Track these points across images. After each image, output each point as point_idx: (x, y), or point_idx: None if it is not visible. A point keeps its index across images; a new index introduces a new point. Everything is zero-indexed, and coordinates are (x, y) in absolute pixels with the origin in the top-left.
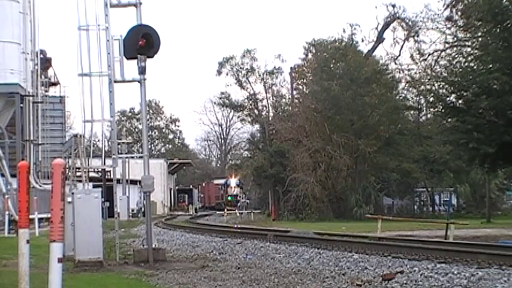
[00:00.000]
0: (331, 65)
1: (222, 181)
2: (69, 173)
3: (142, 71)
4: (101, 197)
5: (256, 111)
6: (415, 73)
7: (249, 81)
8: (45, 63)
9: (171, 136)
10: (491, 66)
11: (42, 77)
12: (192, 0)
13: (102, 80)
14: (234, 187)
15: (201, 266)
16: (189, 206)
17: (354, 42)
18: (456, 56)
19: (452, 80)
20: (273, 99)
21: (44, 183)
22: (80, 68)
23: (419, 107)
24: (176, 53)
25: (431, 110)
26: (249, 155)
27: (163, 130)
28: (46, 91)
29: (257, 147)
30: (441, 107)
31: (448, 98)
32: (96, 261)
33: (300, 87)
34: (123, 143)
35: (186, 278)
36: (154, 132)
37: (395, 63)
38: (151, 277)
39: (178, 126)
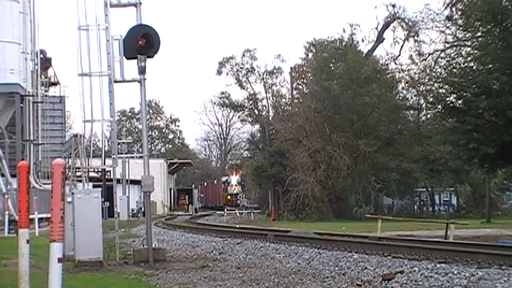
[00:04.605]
0: (331, 65)
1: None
2: (69, 173)
3: (142, 71)
4: (101, 197)
5: (256, 111)
6: (415, 73)
7: (249, 81)
8: (45, 63)
9: (171, 136)
10: (490, 66)
11: (42, 77)
12: (192, 0)
13: (102, 80)
14: (235, 185)
15: (201, 266)
16: (189, 206)
17: (354, 42)
18: (456, 56)
19: (451, 80)
20: (273, 99)
21: (44, 183)
22: (80, 68)
23: (419, 107)
24: (176, 53)
25: (431, 110)
26: (249, 155)
27: (163, 130)
28: (46, 91)
29: (257, 147)
30: (441, 107)
31: (447, 98)
32: (96, 261)
33: (300, 87)
34: (123, 143)
35: (186, 278)
36: (154, 132)
37: (395, 63)
38: (151, 277)
39: (178, 126)
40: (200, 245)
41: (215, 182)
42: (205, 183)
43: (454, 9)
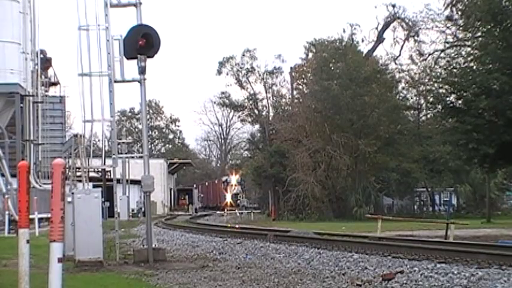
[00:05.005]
0: (331, 65)
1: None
2: (69, 173)
3: (142, 71)
4: (101, 197)
5: (256, 111)
6: (415, 73)
7: (249, 81)
8: (45, 63)
9: (171, 136)
10: (490, 66)
11: (42, 77)
12: (192, 0)
13: (102, 80)
14: (235, 185)
15: (201, 266)
16: (189, 206)
17: (354, 42)
18: (456, 56)
19: (451, 80)
20: (273, 99)
21: (44, 183)
22: (80, 68)
23: (419, 107)
24: (176, 53)
25: (431, 110)
26: (249, 155)
27: (163, 130)
28: (46, 91)
29: (257, 147)
30: (441, 107)
31: (447, 98)
32: (96, 261)
33: (300, 87)
34: (123, 143)
35: (186, 278)
36: (154, 132)
37: (395, 63)
38: (151, 277)
39: (178, 126)
40: (200, 245)
41: (215, 182)
42: (206, 183)
43: (454, 9)
